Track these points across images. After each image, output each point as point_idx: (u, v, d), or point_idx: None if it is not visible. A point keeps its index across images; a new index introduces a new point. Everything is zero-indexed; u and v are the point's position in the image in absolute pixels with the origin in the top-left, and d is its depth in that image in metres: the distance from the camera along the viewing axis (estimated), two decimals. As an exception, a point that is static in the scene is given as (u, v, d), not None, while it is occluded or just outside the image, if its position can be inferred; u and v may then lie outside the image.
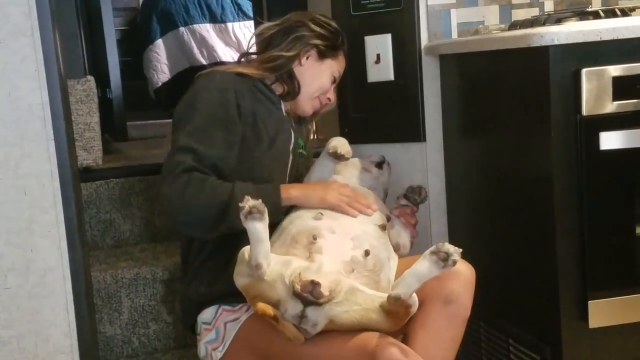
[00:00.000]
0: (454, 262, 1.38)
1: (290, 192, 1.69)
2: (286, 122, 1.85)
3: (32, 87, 1.64)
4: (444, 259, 1.37)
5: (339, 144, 1.79)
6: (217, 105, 1.70)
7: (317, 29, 1.86)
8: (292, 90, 1.86)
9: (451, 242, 2.12)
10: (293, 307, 1.42)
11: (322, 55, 1.87)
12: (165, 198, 1.61)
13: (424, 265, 1.39)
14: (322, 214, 1.63)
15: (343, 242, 1.57)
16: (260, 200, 1.42)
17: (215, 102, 1.70)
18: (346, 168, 1.85)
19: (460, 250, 1.39)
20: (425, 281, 1.41)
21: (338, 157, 1.77)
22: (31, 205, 1.67)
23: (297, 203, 1.69)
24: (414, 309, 1.45)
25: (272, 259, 1.47)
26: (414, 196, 1.80)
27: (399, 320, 1.45)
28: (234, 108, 1.71)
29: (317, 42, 1.85)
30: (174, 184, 1.59)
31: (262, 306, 1.43)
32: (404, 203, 1.81)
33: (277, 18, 1.94)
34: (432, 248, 1.40)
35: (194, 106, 1.71)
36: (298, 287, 1.40)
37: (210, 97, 1.71)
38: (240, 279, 1.50)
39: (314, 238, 1.55)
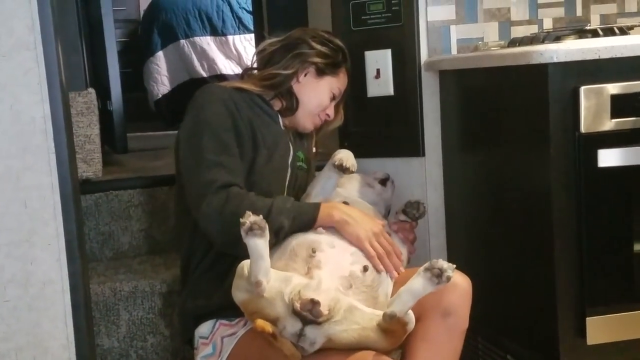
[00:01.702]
0: (448, 279, 1.38)
1: (333, 214, 1.66)
2: (284, 135, 1.86)
3: (35, 100, 1.64)
4: (438, 275, 1.38)
5: (345, 156, 1.79)
6: (225, 117, 1.72)
7: (318, 46, 1.87)
8: (290, 106, 1.86)
9: (449, 256, 2.15)
10: (292, 325, 1.42)
11: (320, 72, 1.87)
12: (204, 216, 1.60)
13: (418, 282, 1.40)
14: (323, 228, 1.64)
15: (342, 256, 1.57)
16: (261, 216, 1.42)
17: (223, 113, 1.72)
18: (349, 182, 1.86)
19: (454, 266, 1.40)
20: (421, 298, 1.41)
21: (343, 169, 1.77)
22: (32, 217, 1.67)
23: (334, 225, 1.66)
24: (411, 326, 1.45)
25: (271, 275, 1.46)
26: (413, 211, 1.80)
27: (397, 338, 1.45)
28: (237, 118, 1.73)
29: (317, 60, 1.86)
30: (213, 201, 1.59)
31: (261, 323, 1.42)
32: (402, 218, 1.81)
33: (278, 31, 1.96)
34: (426, 265, 1.40)
35: (205, 121, 1.71)
36: (298, 305, 1.39)
37: (217, 110, 1.72)
38: (239, 294, 1.49)
39: (313, 251, 1.55)
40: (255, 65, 1.97)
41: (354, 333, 1.42)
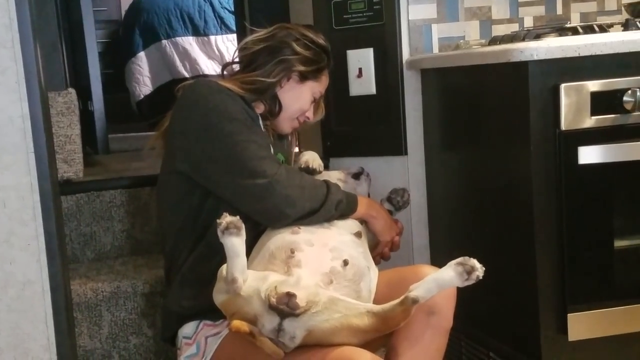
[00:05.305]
0: (478, 278, 1.39)
1: (364, 204, 1.75)
2: (266, 138, 1.85)
3: (13, 99, 1.63)
4: (469, 272, 1.39)
5: (310, 158, 1.85)
6: (232, 101, 1.71)
7: (302, 50, 1.81)
8: (273, 110, 1.83)
9: (432, 255, 2.15)
10: (269, 321, 1.41)
11: (303, 78, 1.83)
12: (283, 198, 1.61)
13: (448, 274, 1.40)
14: (299, 228, 1.63)
15: (322, 253, 1.57)
16: (237, 217, 1.41)
17: (229, 98, 1.71)
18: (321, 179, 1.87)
19: (484, 269, 1.39)
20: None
21: (310, 171, 1.82)
22: (10, 217, 1.66)
23: (365, 217, 1.75)
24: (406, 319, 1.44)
25: (249, 275, 1.45)
26: (397, 198, 1.84)
27: (381, 330, 1.45)
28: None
29: (300, 68, 1.81)
30: (280, 182, 1.61)
31: (237, 323, 1.41)
32: (387, 207, 1.83)
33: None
34: (459, 259, 1.40)
35: (216, 109, 1.67)
36: (274, 300, 1.39)
37: (223, 97, 1.70)
38: (219, 296, 1.49)
39: (292, 252, 1.55)
40: (236, 61, 1.94)
41: (335, 322, 1.41)
